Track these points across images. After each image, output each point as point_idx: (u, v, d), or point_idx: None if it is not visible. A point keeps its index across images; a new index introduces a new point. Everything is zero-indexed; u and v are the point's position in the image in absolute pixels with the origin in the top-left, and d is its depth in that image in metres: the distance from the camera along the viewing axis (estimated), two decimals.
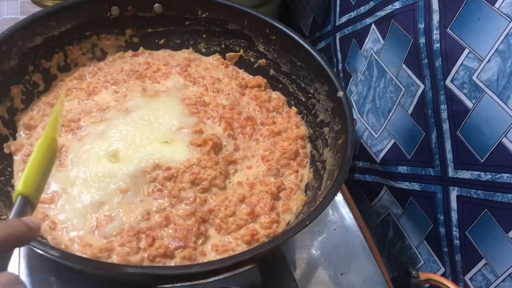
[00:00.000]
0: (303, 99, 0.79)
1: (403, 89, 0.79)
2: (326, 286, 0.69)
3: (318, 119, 0.76)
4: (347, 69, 0.97)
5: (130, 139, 0.68)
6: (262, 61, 0.84)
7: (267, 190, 0.67)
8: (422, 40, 0.72)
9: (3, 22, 1.00)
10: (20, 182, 0.46)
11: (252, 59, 0.85)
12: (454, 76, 0.68)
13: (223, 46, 0.86)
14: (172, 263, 0.59)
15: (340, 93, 0.69)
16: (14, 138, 0.69)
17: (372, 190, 0.94)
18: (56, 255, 0.49)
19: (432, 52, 0.71)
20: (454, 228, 0.74)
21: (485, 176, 0.67)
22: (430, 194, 0.78)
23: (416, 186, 0.81)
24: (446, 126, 0.72)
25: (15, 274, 0.38)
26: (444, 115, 0.72)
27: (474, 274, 0.72)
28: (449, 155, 0.73)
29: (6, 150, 0.67)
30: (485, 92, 0.65)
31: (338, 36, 0.98)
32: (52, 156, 0.51)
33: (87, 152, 0.66)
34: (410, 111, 0.79)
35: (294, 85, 0.81)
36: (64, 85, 0.77)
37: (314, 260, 0.72)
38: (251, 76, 0.85)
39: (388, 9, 0.80)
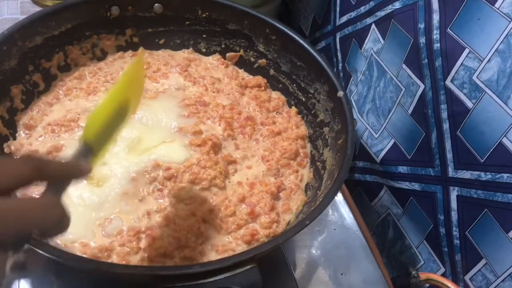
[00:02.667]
0: (303, 99, 0.79)
1: (403, 89, 0.79)
2: (326, 286, 0.69)
3: (318, 119, 0.76)
4: (347, 69, 0.97)
5: (129, 140, 0.68)
6: (262, 61, 0.84)
7: (267, 190, 0.67)
8: (422, 40, 0.72)
9: (3, 22, 1.00)
10: (85, 128, 0.48)
11: (252, 59, 0.85)
12: (454, 76, 0.68)
13: (223, 46, 0.86)
14: (172, 263, 0.59)
15: (340, 93, 0.69)
16: (14, 138, 0.69)
17: (372, 190, 0.94)
18: (55, 255, 0.49)
19: (432, 52, 0.71)
20: (454, 228, 0.74)
21: (485, 176, 0.67)
22: (430, 194, 0.78)
23: (416, 186, 0.81)
24: (446, 126, 0.72)
25: None
26: (444, 115, 0.72)
27: (474, 274, 0.72)
28: (449, 155, 0.73)
29: (6, 150, 0.67)
30: (485, 92, 0.64)
31: (338, 36, 0.98)
32: (121, 115, 0.50)
33: None
34: (410, 111, 0.79)
35: (294, 85, 0.81)
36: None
37: (314, 260, 0.72)
38: (251, 76, 0.85)
39: (388, 9, 0.80)
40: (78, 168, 0.44)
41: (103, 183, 0.63)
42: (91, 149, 0.47)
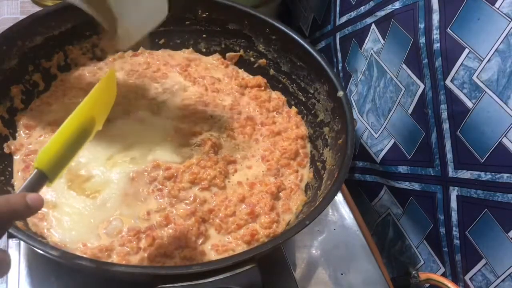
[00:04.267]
0: (303, 99, 0.79)
1: (403, 89, 0.79)
2: (326, 286, 0.69)
3: (318, 119, 0.76)
4: (347, 69, 0.97)
5: (128, 140, 0.68)
6: (262, 61, 0.84)
7: (267, 190, 0.67)
8: (422, 40, 0.72)
9: (3, 22, 1.00)
10: (38, 155, 0.45)
11: (252, 59, 0.85)
12: (454, 76, 0.68)
13: (223, 46, 0.86)
14: (172, 263, 0.59)
15: (340, 93, 0.69)
16: (14, 138, 0.69)
17: (372, 190, 0.94)
18: (56, 255, 0.49)
19: (432, 52, 0.71)
20: (454, 228, 0.74)
21: (485, 176, 0.67)
22: (430, 194, 0.78)
23: (416, 186, 0.81)
24: (446, 126, 0.72)
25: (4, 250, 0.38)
26: (444, 115, 0.72)
27: (474, 274, 0.72)
28: (449, 155, 0.73)
29: (6, 150, 0.67)
30: (485, 92, 0.65)
31: (338, 36, 0.98)
32: (83, 136, 0.49)
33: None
34: (410, 111, 0.79)
35: (294, 85, 0.81)
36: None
37: (314, 260, 0.72)
38: (251, 76, 0.85)
39: (388, 9, 0.80)
40: (27, 206, 0.41)
41: (99, 193, 0.63)
42: (45, 176, 0.45)
